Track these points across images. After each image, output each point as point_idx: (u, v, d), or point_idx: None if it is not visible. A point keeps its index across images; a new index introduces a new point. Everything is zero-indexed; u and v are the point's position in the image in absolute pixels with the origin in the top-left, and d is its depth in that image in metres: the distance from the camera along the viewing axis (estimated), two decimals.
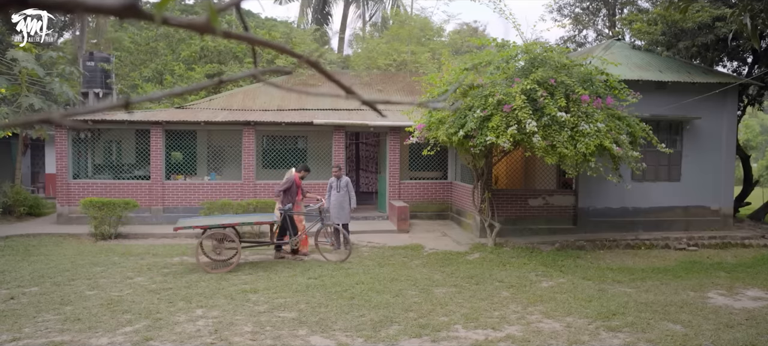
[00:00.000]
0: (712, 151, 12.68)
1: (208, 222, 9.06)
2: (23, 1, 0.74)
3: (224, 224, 8.81)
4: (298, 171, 9.95)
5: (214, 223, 8.87)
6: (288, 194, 9.61)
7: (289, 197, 9.60)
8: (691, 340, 5.75)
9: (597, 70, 9.95)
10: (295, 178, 9.75)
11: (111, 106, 0.85)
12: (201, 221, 9.25)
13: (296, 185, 9.74)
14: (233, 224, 9.00)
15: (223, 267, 8.68)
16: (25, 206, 14.45)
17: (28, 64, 12.52)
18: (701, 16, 12.73)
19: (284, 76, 18.07)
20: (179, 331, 5.79)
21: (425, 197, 14.81)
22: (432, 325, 6.04)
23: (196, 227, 8.94)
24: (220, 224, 8.77)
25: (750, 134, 31.48)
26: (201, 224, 8.95)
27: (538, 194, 12.49)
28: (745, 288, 8.16)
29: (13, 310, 6.49)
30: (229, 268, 8.59)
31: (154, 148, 13.53)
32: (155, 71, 22.08)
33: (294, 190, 9.70)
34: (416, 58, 21.02)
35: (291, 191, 9.65)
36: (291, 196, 9.63)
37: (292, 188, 9.67)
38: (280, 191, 9.59)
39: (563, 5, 20.96)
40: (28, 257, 9.65)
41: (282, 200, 9.56)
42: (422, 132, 10.67)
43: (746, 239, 11.96)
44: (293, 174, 9.82)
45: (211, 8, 0.77)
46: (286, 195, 9.59)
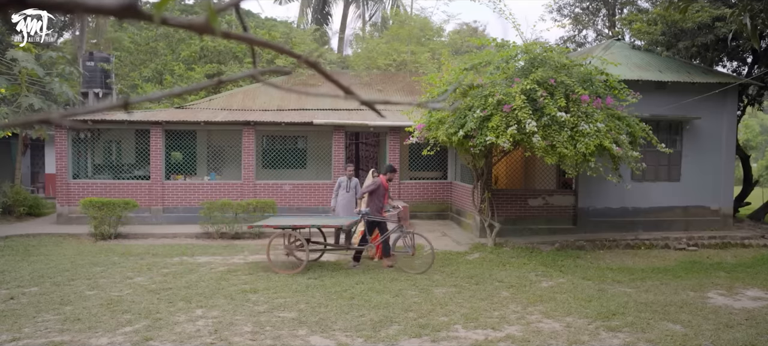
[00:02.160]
0: (712, 151, 12.68)
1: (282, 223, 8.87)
2: (23, 1, 0.74)
3: (296, 225, 8.62)
4: (383, 173, 9.22)
5: (287, 224, 8.70)
6: (374, 198, 8.90)
7: (375, 201, 8.89)
8: (691, 340, 5.75)
9: (597, 70, 9.94)
10: (381, 180, 9.00)
11: (110, 106, 0.85)
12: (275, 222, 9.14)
13: (383, 188, 8.98)
14: (309, 226, 8.79)
15: (292, 268, 8.53)
16: (25, 206, 14.45)
17: (28, 64, 12.52)
18: (701, 16, 12.72)
19: (284, 76, 18.07)
20: (179, 331, 5.79)
21: (425, 197, 14.81)
22: (432, 325, 6.04)
23: (267, 226, 8.84)
24: (293, 226, 8.59)
25: (750, 134, 31.48)
26: (274, 224, 8.84)
27: (538, 194, 12.49)
28: (745, 288, 8.16)
29: (13, 310, 6.49)
30: (298, 269, 8.39)
31: (154, 149, 13.53)
32: (155, 71, 22.08)
33: (381, 193, 8.96)
34: (416, 58, 21.02)
35: (377, 194, 8.93)
36: (377, 200, 8.92)
37: (379, 191, 8.94)
38: (365, 193, 8.99)
39: (563, 5, 20.96)
40: (28, 257, 9.65)
41: (368, 203, 8.95)
42: (422, 132, 10.67)
43: (746, 239, 11.96)
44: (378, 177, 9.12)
45: (211, 8, 0.77)
46: (372, 199, 8.90)
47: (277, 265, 8.70)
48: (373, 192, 8.92)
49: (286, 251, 8.79)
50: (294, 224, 8.68)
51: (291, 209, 13.81)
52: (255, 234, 11.82)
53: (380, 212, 8.92)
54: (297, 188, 13.97)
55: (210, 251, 10.37)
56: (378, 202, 8.91)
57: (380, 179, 9.08)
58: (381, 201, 8.94)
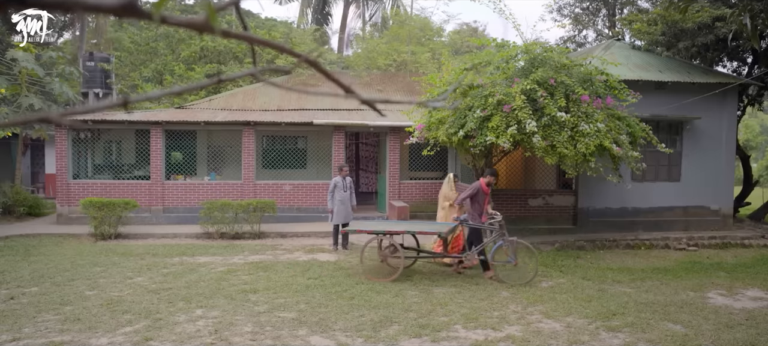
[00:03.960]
0: (711, 151, 12.67)
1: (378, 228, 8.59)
2: (23, 0, 0.73)
3: (393, 231, 8.27)
4: (483, 176, 8.60)
5: (383, 229, 8.39)
6: (474, 204, 8.38)
7: (475, 206, 8.38)
8: (691, 340, 5.75)
9: (597, 70, 9.94)
10: (481, 184, 8.43)
11: (109, 106, 0.85)
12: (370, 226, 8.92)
13: (483, 193, 8.42)
14: (403, 231, 8.39)
15: (386, 275, 8.17)
16: (25, 206, 14.45)
17: (28, 64, 12.51)
18: (701, 16, 12.72)
19: (284, 75, 18.09)
20: (179, 331, 5.79)
21: (425, 197, 14.81)
22: (432, 325, 6.04)
23: (361, 231, 8.55)
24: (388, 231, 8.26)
25: (750, 134, 31.48)
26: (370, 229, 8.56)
27: (538, 194, 12.49)
28: (745, 288, 8.15)
29: (13, 310, 6.49)
30: (392, 277, 7.95)
31: (154, 149, 13.53)
32: (155, 71, 22.09)
33: (480, 198, 8.40)
34: (416, 58, 21.02)
35: (477, 199, 8.38)
36: (477, 206, 8.39)
37: (478, 196, 8.37)
38: (465, 198, 8.39)
39: (563, 5, 20.96)
40: (28, 257, 9.65)
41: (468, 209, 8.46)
42: (422, 132, 10.67)
43: (746, 239, 11.96)
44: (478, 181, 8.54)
45: (210, 7, 0.77)
46: (472, 205, 8.39)
47: (371, 272, 8.33)
48: (473, 197, 8.35)
49: (380, 258, 8.40)
50: (388, 230, 8.29)
51: (291, 209, 13.82)
52: (255, 234, 11.82)
53: (480, 218, 8.39)
54: (297, 188, 13.97)
55: (210, 251, 10.37)
56: (478, 208, 8.38)
57: (480, 182, 8.45)
58: (481, 207, 8.40)
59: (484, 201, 8.44)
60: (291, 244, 11.23)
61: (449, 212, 9.34)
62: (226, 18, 21.03)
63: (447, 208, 9.40)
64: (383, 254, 8.37)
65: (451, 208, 9.23)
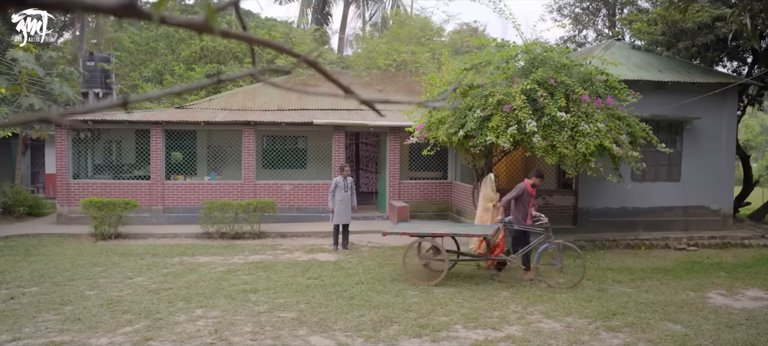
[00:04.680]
0: (712, 151, 12.67)
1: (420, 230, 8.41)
2: (23, 0, 0.73)
3: (436, 234, 8.09)
4: (529, 178, 8.41)
5: (426, 232, 8.21)
6: (518, 206, 8.23)
7: (520, 208, 8.22)
8: (691, 340, 5.75)
9: (597, 70, 9.94)
10: (526, 185, 8.26)
11: (109, 105, 0.85)
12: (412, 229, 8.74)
13: (528, 194, 8.25)
14: (446, 234, 8.25)
15: (429, 279, 7.98)
16: (25, 206, 14.46)
17: (28, 64, 12.51)
18: (701, 16, 12.72)
19: (284, 75, 18.09)
20: (179, 331, 5.79)
21: (425, 197, 14.81)
22: (432, 325, 6.04)
23: (404, 234, 8.40)
24: (431, 234, 8.09)
25: (750, 134, 31.48)
26: (412, 232, 8.38)
27: (538, 194, 12.46)
28: (745, 288, 8.15)
29: (13, 310, 6.49)
30: (436, 281, 7.78)
31: (154, 149, 13.53)
32: (155, 71, 22.09)
33: (525, 200, 8.23)
34: (416, 58, 21.02)
35: (522, 201, 8.22)
36: (522, 208, 8.22)
37: (523, 198, 8.21)
38: (510, 200, 8.26)
39: (563, 5, 20.95)
40: (28, 257, 9.65)
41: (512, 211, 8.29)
42: (422, 132, 10.67)
43: (746, 239, 11.96)
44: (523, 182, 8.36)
45: (210, 7, 0.77)
46: (516, 207, 8.24)
47: (414, 275, 8.14)
48: (517, 199, 8.21)
49: (423, 261, 8.22)
50: (433, 232, 8.11)
51: (291, 209, 13.82)
52: (255, 234, 11.83)
53: (525, 220, 8.22)
54: (297, 188, 13.98)
55: (210, 251, 10.37)
56: (523, 210, 8.23)
57: (524, 183, 8.29)
58: (526, 209, 8.23)
59: (529, 203, 8.27)
60: (291, 244, 11.23)
61: (493, 213, 9.19)
62: (226, 18, 21.03)
63: (490, 209, 9.24)
64: (426, 256, 8.13)
65: (495, 209, 9.08)
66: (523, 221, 8.21)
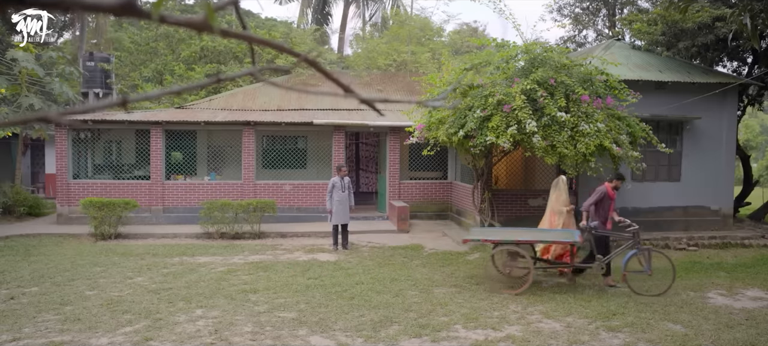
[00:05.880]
0: (712, 151, 12.67)
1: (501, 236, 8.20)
2: (23, 0, 0.73)
3: (519, 240, 7.89)
4: (609, 180, 8.18)
5: (507, 238, 7.97)
6: (599, 209, 8.00)
7: (601, 212, 8.01)
8: (691, 340, 5.75)
9: (597, 70, 9.94)
10: (606, 188, 8.05)
11: (109, 105, 0.85)
12: (493, 235, 8.62)
13: (608, 197, 8.05)
14: (529, 240, 8.07)
15: (514, 286, 7.70)
16: (25, 206, 14.45)
17: (28, 64, 12.52)
18: (701, 16, 12.72)
19: (284, 75, 18.09)
20: (179, 331, 5.79)
21: (425, 197, 14.81)
22: (432, 325, 6.04)
23: (486, 240, 8.31)
24: (513, 240, 7.87)
25: (750, 134, 31.48)
26: (493, 238, 8.23)
27: (538, 194, 12.49)
28: (745, 288, 8.15)
29: (13, 310, 6.49)
30: (521, 289, 7.46)
31: (154, 149, 13.53)
32: (155, 71, 22.09)
33: (606, 204, 8.03)
34: (416, 58, 21.02)
35: (602, 205, 8.01)
36: (603, 211, 8.00)
37: (604, 201, 8.02)
38: (591, 205, 7.99)
39: (563, 5, 20.95)
40: (28, 257, 9.65)
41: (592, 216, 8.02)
42: (422, 132, 10.67)
43: (746, 239, 11.95)
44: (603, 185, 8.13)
45: (209, 7, 0.77)
46: (597, 210, 8.01)
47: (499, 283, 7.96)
48: (598, 203, 7.99)
49: (506, 268, 7.84)
50: (518, 239, 7.88)
51: (291, 209, 13.82)
52: (255, 234, 11.83)
53: (605, 224, 8.04)
54: (297, 188, 13.98)
55: (210, 251, 10.37)
56: (603, 214, 8.00)
57: (605, 186, 8.09)
58: (606, 213, 8.02)
59: (610, 207, 8.06)
60: (291, 244, 11.23)
61: (568, 218, 8.95)
62: (226, 18, 21.02)
63: (564, 213, 9.00)
64: (509, 264, 7.77)
65: (569, 214, 8.88)
66: (602, 226, 8.00)
